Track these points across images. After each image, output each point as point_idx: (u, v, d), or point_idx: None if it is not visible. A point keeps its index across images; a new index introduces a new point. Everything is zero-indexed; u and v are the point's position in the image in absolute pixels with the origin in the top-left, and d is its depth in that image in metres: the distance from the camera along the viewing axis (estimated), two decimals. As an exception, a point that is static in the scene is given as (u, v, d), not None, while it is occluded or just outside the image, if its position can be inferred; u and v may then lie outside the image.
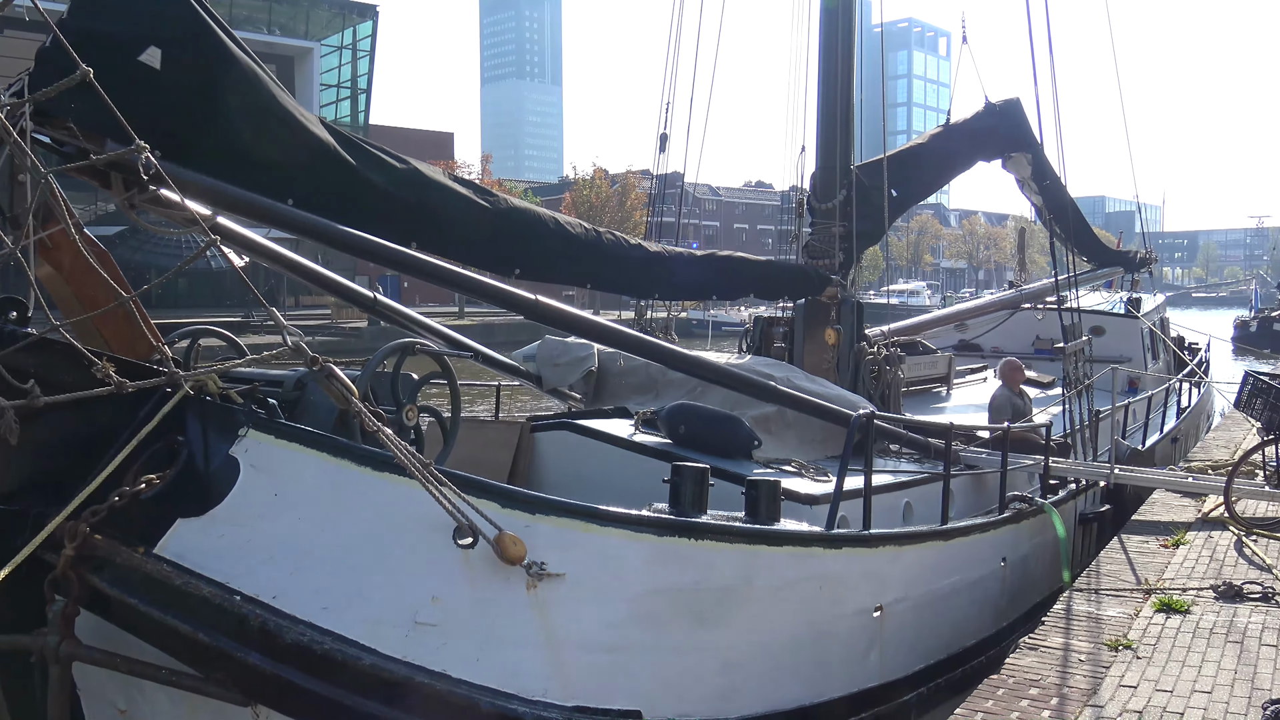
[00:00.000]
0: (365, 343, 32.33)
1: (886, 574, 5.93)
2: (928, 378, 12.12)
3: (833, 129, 9.55)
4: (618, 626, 4.38)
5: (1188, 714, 4.65)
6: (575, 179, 66.44)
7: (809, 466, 6.99)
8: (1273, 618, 5.94)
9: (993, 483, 7.92)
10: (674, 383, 8.00)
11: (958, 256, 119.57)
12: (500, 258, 6.41)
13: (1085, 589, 6.75)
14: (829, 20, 9.54)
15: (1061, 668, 5.32)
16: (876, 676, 5.87)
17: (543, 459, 7.15)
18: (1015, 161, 12.56)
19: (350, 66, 56.83)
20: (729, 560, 4.77)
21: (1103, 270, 17.37)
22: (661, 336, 9.38)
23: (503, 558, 3.89)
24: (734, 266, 8.73)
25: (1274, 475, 8.38)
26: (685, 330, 22.38)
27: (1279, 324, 42.18)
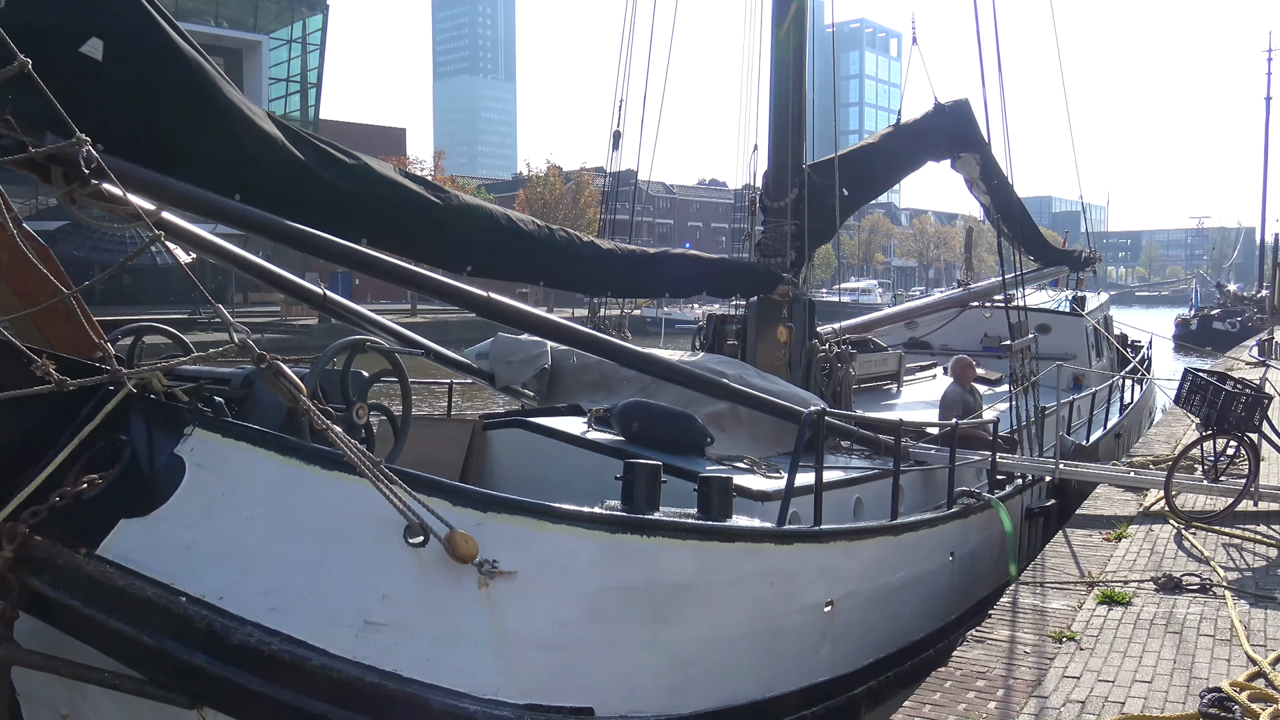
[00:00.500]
0: (315, 340, 31.95)
1: (837, 569, 5.99)
2: (878, 375, 12.25)
3: (785, 128, 9.61)
4: (570, 624, 4.38)
5: (1128, 703, 4.75)
6: (529, 176, 66.20)
7: (761, 463, 7.03)
8: (1210, 609, 6.09)
9: (942, 478, 8.04)
10: (627, 380, 8.01)
11: (908, 255, 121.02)
12: (452, 254, 6.37)
13: (1031, 582, 6.87)
14: (780, 19, 9.61)
15: (1007, 660, 5.41)
16: (827, 670, 5.93)
17: (495, 457, 7.12)
18: (964, 162, 12.73)
19: (300, 60, 56.07)
20: (681, 557, 4.79)
21: (1049, 269, 17.67)
22: (615, 334, 9.40)
23: (454, 556, 3.88)
24: (686, 264, 8.76)
25: (1212, 470, 8.59)
26: (639, 328, 22.37)
27: (1218, 322, 43.21)
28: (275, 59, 54.65)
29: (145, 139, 4.63)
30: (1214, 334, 40.69)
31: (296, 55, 55.98)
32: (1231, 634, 5.62)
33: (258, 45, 52.75)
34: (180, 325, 4.92)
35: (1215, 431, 8.39)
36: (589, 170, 61.61)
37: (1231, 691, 4.57)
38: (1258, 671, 5.00)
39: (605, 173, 11.37)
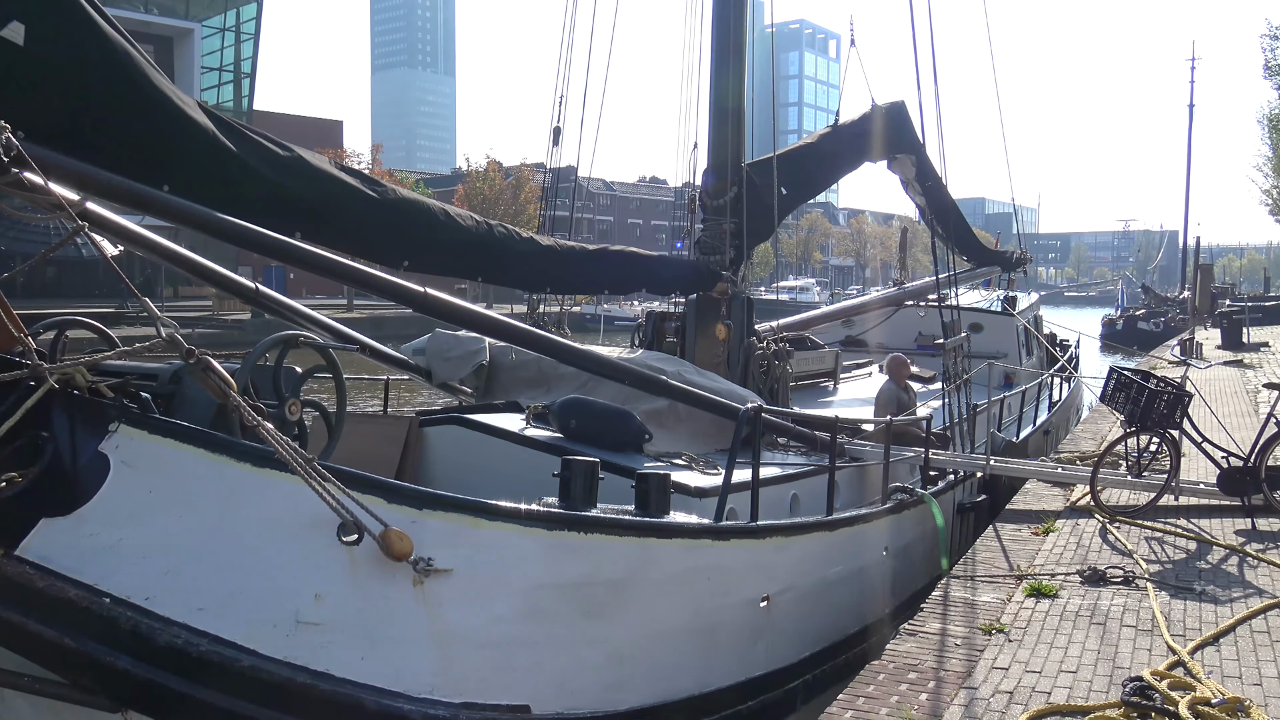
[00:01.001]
0: (248, 335, 31.34)
1: (773, 564, 6.04)
2: (815, 372, 12.39)
3: (724, 126, 9.67)
4: (506, 621, 4.36)
5: (1054, 693, 4.87)
6: (468, 171, 65.59)
7: (699, 459, 7.06)
8: (1133, 600, 6.26)
9: (876, 474, 8.15)
10: (566, 377, 8.00)
11: (846, 254, 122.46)
12: (389, 250, 6.30)
13: (962, 576, 7.00)
14: (721, 18, 9.65)
15: (939, 652, 5.51)
16: (764, 665, 5.98)
17: (432, 454, 7.05)
18: (900, 163, 12.90)
19: (233, 49, 54.89)
20: (618, 553, 4.80)
21: (981, 269, 17.99)
22: (554, 330, 9.37)
23: (388, 554, 3.84)
24: (626, 262, 8.77)
25: (1135, 466, 8.83)
26: (579, 324, 22.33)
27: (1143, 323, 44.37)
28: (208, 47, 53.42)
29: (69, 127, 4.50)
30: (1139, 334, 41.78)
31: (230, 44, 54.78)
32: (1153, 624, 5.79)
33: (189, 33, 51.52)
34: (107, 319, 4.78)
35: (1138, 428, 8.62)
36: (529, 166, 61.28)
37: (1152, 680, 4.70)
38: (1177, 661, 5.16)
39: (545, 169, 11.31)
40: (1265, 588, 6.39)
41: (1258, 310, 39.73)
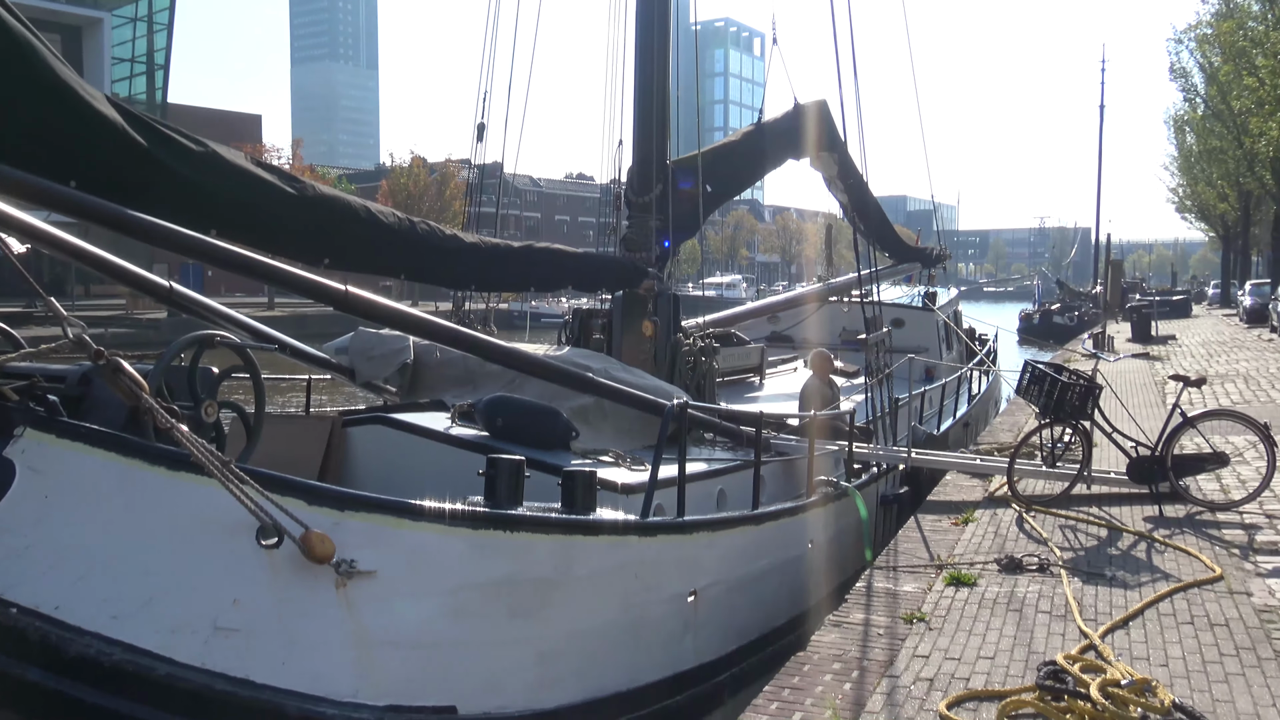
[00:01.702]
0: (164, 335, 30.46)
1: (700, 559, 6.09)
2: (742, 368, 12.51)
3: (649, 124, 9.69)
4: (431, 622, 4.32)
5: (973, 679, 4.99)
6: (392, 167, 64.73)
7: (626, 456, 7.08)
8: (1047, 587, 6.45)
9: (802, 468, 8.26)
10: (492, 375, 7.94)
11: (772, 251, 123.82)
12: (308, 247, 6.18)
13: (885, 567, 7.13)
14: (645, 16, 9.68)
15: (862, 642, 5.61)
16: (691, 659, 6.02)
17: (356, 454, 6.96)
18: (823, 161, 13.08)
19: (146, 40, 53.21)
20: (544, 551, 4.79)
21: (902, 266, 18.34)
22: (479, 328, 9.30)
23: (309, 556, 3.78)
24: (551, 259, 8.73)
25: (1050, 456, 9.09)
26: (506, 322, 22.17)
27: (1058, 317, 45.69)
28: (119, 38, 51.69)
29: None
30: (1054, 328, 42.99)
31: (142, 34, 53.09)
32: (1066, 610, 5.97)
33: (99, 22, 49.81)
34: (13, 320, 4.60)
35: (1052, 420, 8.87)
36: (455, 162, 60.70)
37: (1065, 664, 4.85)
38: (1089, 644, 5.33)
39: (470, 165, 11.23)
40: (1171, 572, 6.64)
41: (1165, 305, 41.25)
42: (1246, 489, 8.55)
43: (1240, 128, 32.54)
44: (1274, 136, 26.28)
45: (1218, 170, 44.85)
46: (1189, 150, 51.36)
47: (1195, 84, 43.52)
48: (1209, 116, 41.64)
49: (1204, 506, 8.30)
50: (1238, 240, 52.63)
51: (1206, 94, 41.17)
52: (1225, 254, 58.25)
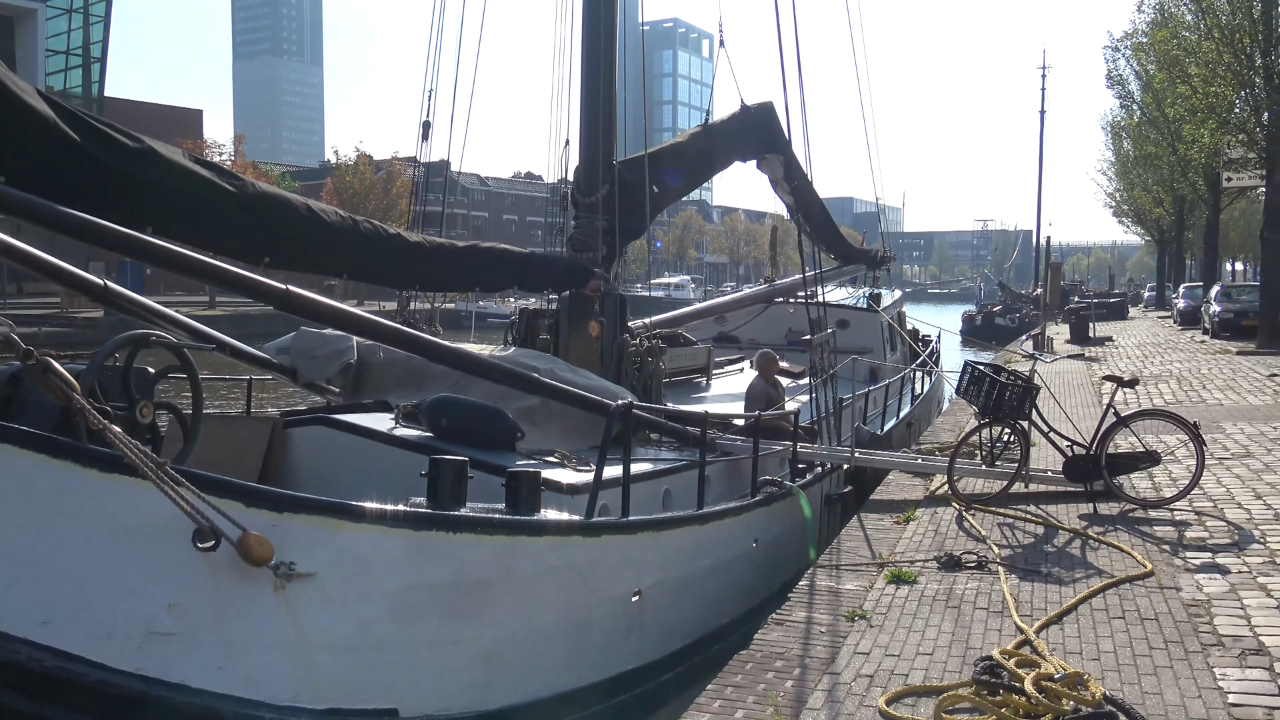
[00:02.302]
0: (100, 334, 29.75)
1: (645, 559, 6.11)
2: (688, 369, 12.56)
3: (595, 124, 9.69)
4: (373, 624, 4.29)
5: (912, 675, 5.07)
6: (337, 164, 63.91)
7: (571, 457, 7.08)
8: (985, 584, 6.57)
9: (746, 468, 8.32)
10: (437, 375, 7.89)
11: (720, 252, 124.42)
12: (248, 245, 6.11)
13: (828, 565, 7.21)
14: (591, 16, 9.68)
15: (804, 640, 5.67)
16: (636, 659, 6.04)
17: (297, 456, 6.87)
18: (769, 163, 13.17)
19: (82, 32, 51.97)
20: (488, 552, 4.78)
21: (848, 267, 18.54)
22: (425, 328, 9.24)
23: (247, 559, 3.74)
24: (496, 259, 8.70)
25: (989, 456, 9.25)
26: (453, 322, 22.07)
27: (1000, 318, 46.52)
28: (53, 29, 50.40)
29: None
30: (996, 329, 43.77)
31: (78, 26, 51.82)
32: (1003, 606, 6.08)
33: (32, 13, 48.51)
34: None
35: (991, 420, 9.04)
36: (401, 159, 60.17)
37: (1001, 659, 4.95)
38: (1024, 639, 5.44)
39: (416, 163, 11.14)
40: (1105, 568, 6.79)
41: (1103, 307, 42.18)
42: (1177, 487, 8.77)
43: (1174, 134, 33.37)
44: (1206, 144, 26.99)
45: (1153, 176, 45.92)
46: (1125, 156, 52.55)
47: (1131, 91, 44.56)
48: (1144, 123, 42.62)
49: (1137, 504, 8.51)
50: (1172, 244, 53.98)
51: (1142, 101, 42.17)
52: (1160, 257, 59.70)
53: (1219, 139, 26.03)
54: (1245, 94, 24.31)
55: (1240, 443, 11.33)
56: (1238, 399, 15.36)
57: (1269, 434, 11.85)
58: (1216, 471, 9.64)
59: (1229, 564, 6.71)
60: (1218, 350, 24.63)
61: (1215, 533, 7.57)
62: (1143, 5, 35.04)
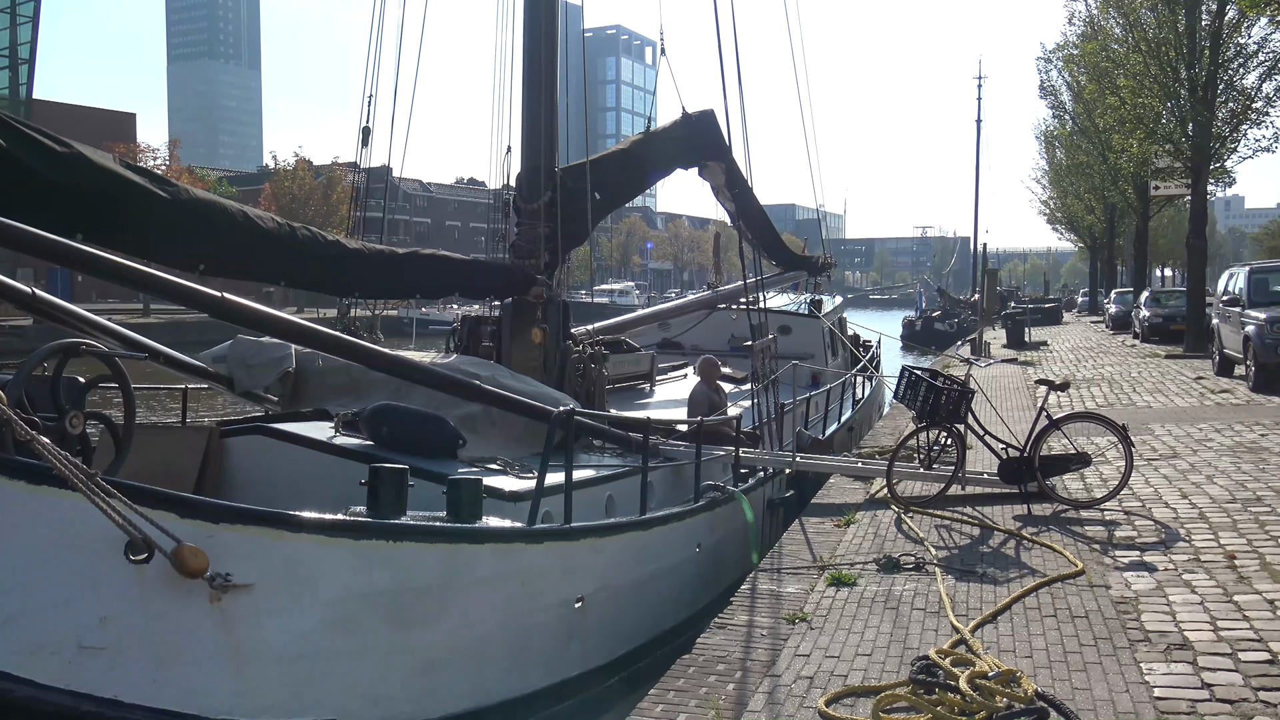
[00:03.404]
0: (29, 343, 28.90)
1: (587, 565, 6.12)
2: (632, 375, 12.60)
3: (536, 131, 9.70)
4: (311, 634, 4.25)
5: (851, 676, 5.14)
6: (276, 169, 63.00)
7: (514, 464, 7.07)
8: (923, 585, 6.69)
9: (689, 474, 8.37)
10: (377, 383, 7.82)
11: (664, 258, 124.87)
12: (182, 252, 6.01)
13: (770, 569, 7.28)
14: (532, 22, 9.68)
15: (746, 643, 5.72)
16: (579, 665, 6.05)
17: (234, 466, 6.78)
18: (710, 170, 13.26)
19: (9, 32, 50.68)
20: (429, 560, 4.76)
21: (789, 273, 18.74)
22: (366, 336, 9.15)
23: (181, 571, 3.68)
24: (436, 266, 8.66)
25: (926, 459, 9.42)
26: (395, 329, 21.84)
27: (939, 324, 47.29)
28: (-21, 30, 49.17)
29: None
30: (935, 334, 44.49)
31: (4, 26, 50.54)
32: (940, 606, 6.19)
33: (-43, 14, 47.28)
34: None
35: (928, 424, 9.20)
36: (342, 165, 59.47)
37: (937, 658, 5.04)
38: (960, 639, 5.55)
39: (356, 169, 11.05)
40: (1038, 567, 6.95)
41: (1038, 312, 43.14)
42: (1108, 487, 9.01)
43: (1105, 144, 34.29)
44: (1134, 153, 27.78)
45: (1085, 184, 47.13)
46: (1059, 164, 53.85)
47: (1063, 101, 45.71)
48: (1076, 133, 43.74)
49: (1069, 505, 8.72)
50: (1104, 251, 55.37)
51: (1073, 111, 43.24)
52: (1093, 264, 61.24)
53: (1147, 149, 26.81)
54: (1171, 105, 25.06)
55: (1168, 444, 11.67)
56: (1166, 401, 15.81)
57: (1195, 435, 12.22)
58: (1145, 472, 9.92)
59: (1156, 562, 6.91)
60: (1147, 354, 25.33)
61: (1143, 532, 7.79)
62: (1073, 18, 36.00)
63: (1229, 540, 7.33)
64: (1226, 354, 18.41)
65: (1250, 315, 16.43)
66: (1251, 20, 22.81)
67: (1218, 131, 24.88)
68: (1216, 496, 8.79)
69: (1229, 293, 18.29)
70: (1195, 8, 25.05)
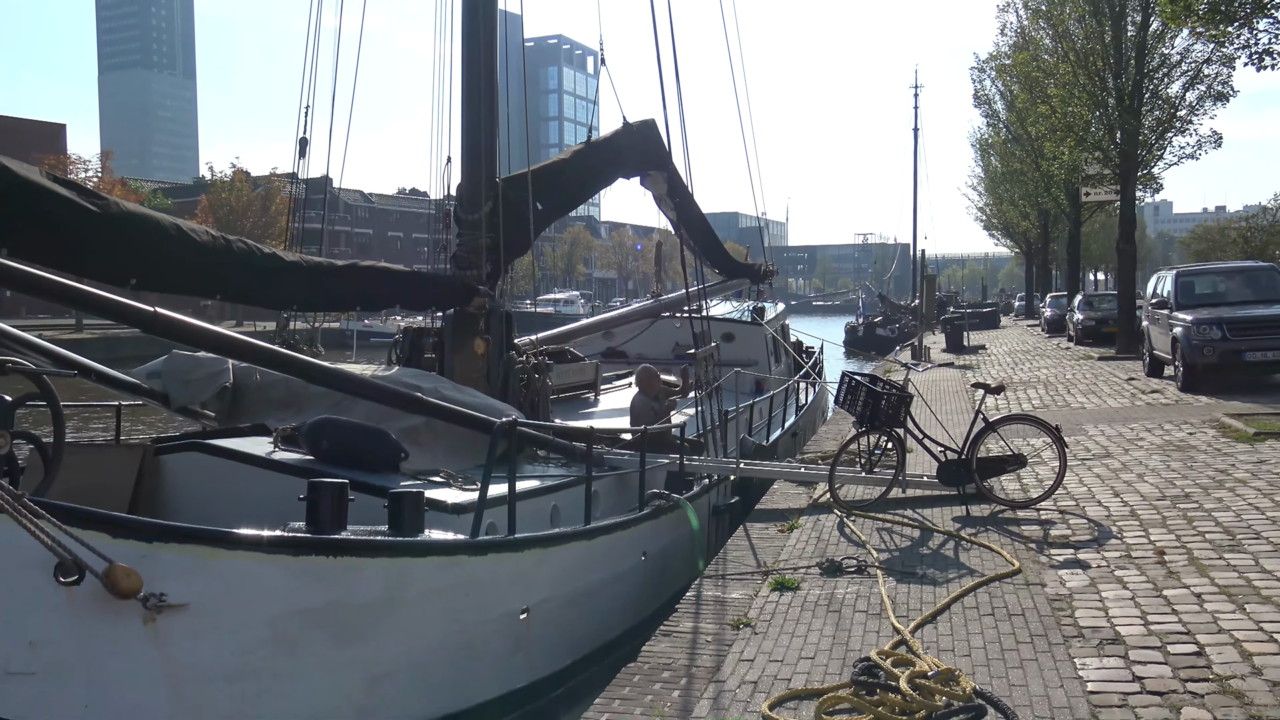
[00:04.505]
0: (-44, 361, 28.12)
1: (532, 576, 6.11)
2: (576, 384, 12.58)
3: (477, 141, 9.67)
4: (250, 653, 4.20)
5: (794, 679, 5.20)
6: (213, 180, 61.97)
7: (457, 476, 7.04)
8: (864, 587, 6.78)
9: (635, 482, 8.39)
10: (318, 397, 7.74)
11: (609, 267, 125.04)
12: (113, 267, 5.89)
13: (715, 575, 7.32)
14: (471, 31, 9.66)
15: (691, 649, 5.75)
16: (525, 676, 6.04)
17: (171, 484, 6.66)
18: (652, 179, 13.33)
19: (-68, 43, 49.20)
20: (371, 575, 4.72)
21: (732, 281, 18.86)
22: (306, 349, 9.05)
23: (114, 592, 3.61)
24: (376, 277, 8.59)
25: (867, 463, 9.55)
26: (337, 341, 21.57)
27: (880, 329, 47.93)
28: (-101, 40, 47.61)
29: None
30: (877, 339, 45.06)
31: (-73, 37, 49.04)
32: (881, 608, 6.28)
33: (-124, 23, 45.75)
34: None
35: (868, 428, 9.33)
36: (280, 176, 58.64)
37: (878, 659, 5.12)
38: (900, 640, 5.64)
39: (294, 180, 10.91)
40: (976, 568, 7.08)
41: (976, 317, 43.93)
42: (1043, 487, 9.21)
43: (1037, 151, 35.07)
44: (1066, 160, 28.46)
45: (1019, 190, 48.15)
46: (994, 171, 54.94)
47: (997, 110, 46.71)
48: (1010, 140, 44.65)
49: (1005, 505, 8.89)
50: (1039, 256, 56.58)
51: (1007, 120, 44.17)
52: (1028, 269, 62.52)
53: (1077, 156, 27.50)
54: (1099, 114, 25.73)
55: (1100, 444, 11.96)
56: (1099, 402, 16.20)
57: (1126, 435, 12.54)
58: (1079, 472, 10.16)
59: (1089, 559, 7.08)
60: (1081, 356, 25.93)
61: (1077, 530, 7.98)
62: (1005, 29, 36.86)
63: (1159, 536, 7.54)
64: (1156, 355, 18.91)
65: (1178, 317, 16.91)
66: (1174, 32, 23.51)
67: (1144, 139, 25.61)
68: (1147, 494, 9.04)
69: (1157, 295, 18.80)
70: (1121, 20, 25.79)
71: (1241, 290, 18.09)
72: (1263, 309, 16.57)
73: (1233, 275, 19.18)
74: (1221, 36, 13.79)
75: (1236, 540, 7.29)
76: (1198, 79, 24.52)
